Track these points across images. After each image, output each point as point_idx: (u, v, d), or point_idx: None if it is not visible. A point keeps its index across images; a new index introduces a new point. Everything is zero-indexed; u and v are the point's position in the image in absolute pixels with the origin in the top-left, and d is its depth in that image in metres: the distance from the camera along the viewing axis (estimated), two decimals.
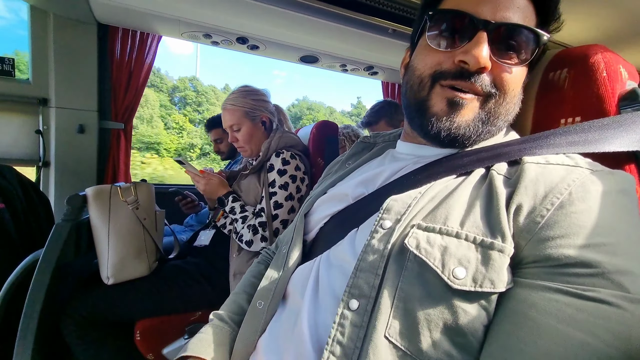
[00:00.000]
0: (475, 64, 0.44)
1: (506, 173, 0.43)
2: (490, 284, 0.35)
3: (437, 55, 0.48)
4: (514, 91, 0.47)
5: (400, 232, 0.41)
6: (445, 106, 0.46)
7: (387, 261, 0.40)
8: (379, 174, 0.55)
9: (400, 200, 0.44)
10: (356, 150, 0.71)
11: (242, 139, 1.29)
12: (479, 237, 0.37)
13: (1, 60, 1.55)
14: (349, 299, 0.40)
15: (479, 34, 0.44)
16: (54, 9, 1.51)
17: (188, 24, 1.62)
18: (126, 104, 1.77)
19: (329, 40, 1.77)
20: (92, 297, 1.08)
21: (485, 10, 0.45)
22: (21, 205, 1.24)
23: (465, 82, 0.45)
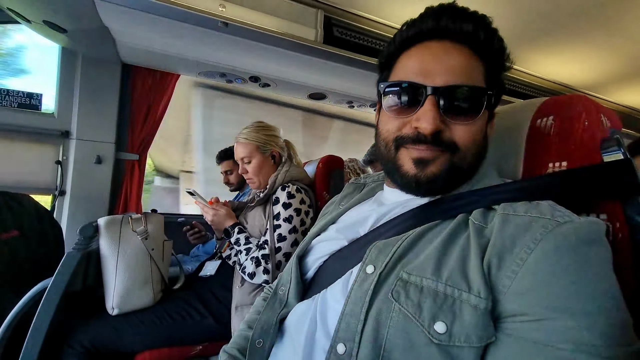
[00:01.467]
0: (426, 129, 0.47)
1: (482, 221, 0.45)
2: (467, 339, 0.36)
3: (395, 122, 0.52)
4: (475, 142, 0.50)
5: (382, 278, 0.43)
6: (412, 165, 0.50)
7: (370, 307, 0.41)
8: (368, 218, 0.57)
9: (384, 245, 0.46)
10: (348, 191, 0.74)
11: (252, 171, 1.33)
12: (458, 291, 0.38)
13: (30, 96, 1.67)
14: (336, 342, 0.42)
15: (427, 100, 0.47)
16: (84, 51, 1.65)
17: (205, 64, 1.74)
18: (142, 136, 1.87)
19: (336, 79, 1.87)
20: (95, 328, 1.08)
21: (431, 75, 0.48)
22: (35, 233, 1.29)
23: (426, 145, 0.48)
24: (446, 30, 0.49)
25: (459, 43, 0.49)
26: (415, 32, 0.51)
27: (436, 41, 0.50)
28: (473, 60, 0.49)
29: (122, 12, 1.25)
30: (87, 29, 1.38)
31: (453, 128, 0.48)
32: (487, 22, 0.50)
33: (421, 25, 0.51)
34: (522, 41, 1.70)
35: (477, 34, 0.49)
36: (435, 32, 0.50)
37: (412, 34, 0.52)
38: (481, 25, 0.49)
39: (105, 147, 1.77)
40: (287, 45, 1.50)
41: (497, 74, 0.52)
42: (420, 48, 0.51)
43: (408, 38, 0.52)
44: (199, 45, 1.53)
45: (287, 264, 0.64)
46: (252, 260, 1.16)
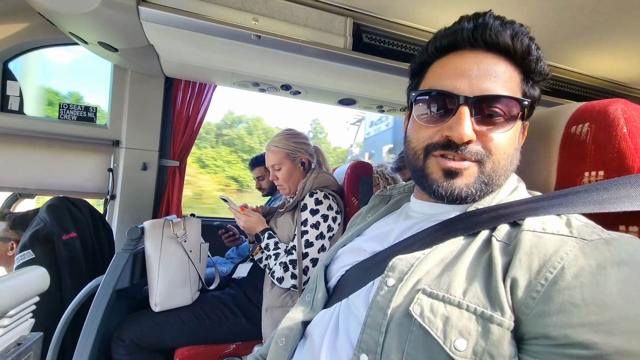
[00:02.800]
0: (459, 139, 0.47)
1: (505, 238, 0.44)
2: (489, 358, 0.35)
3: (426, 131, 0.52)
4: (506, 152, 0.49)
5: (403, 292, 0.43)
6: (442, 175, 0.50)
7: (391, 319, 0.42)
8: (391, 231, 0.58)
9: (404, 259, 0.46)
10: (374, 203, 0.74)
11: (282, 178, 1.38)
12: (480, 308, 0.38)
13: (86, 109, 1.85)
14: (359, 353, 0.43)
15: (460, 109, 0.47)
16: (133, 67, 1.80)
17: (239, 75, 1.82)
18: (182, 144, 1.99)
19: (365, 84, 1.87)
20: (140, 323, 1.18)
21: (464, 84, 0.48)
22: (90, 235, 1.42)
23: (455, 152, 0.48)
24: (482, 40, 0.49)
25: (494, 52, 0.49)
26: (451, 40, 0.51)
27: (470, 50, 0.50)
28: (509, 70, 0.49)
29: (165, 31, 1.35)
30: (135, 47, 1.51)
31: (484, 139, 0.48)
32: (524, 31, 0.49)
33: (456, 36, 0.51)
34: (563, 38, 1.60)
35: (513, 45, 0.48)
36: (471, 41, 0.50)
37: (446, 42, 0.52)
38: (518, 36, 0.48)
39: (150, 155, 1.91)
40: (316, 54, 1.53)
41: (534, 83, 0.52)
42: (453, 57, 0.51)
43: (442, 47, 0.52)
44: (233, 57, 1.61)
45: (314, 270, 0.66)
46: (281, 265, 1.20)
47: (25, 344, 0.51)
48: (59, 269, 1.24)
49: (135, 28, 1.33)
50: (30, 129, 1.68)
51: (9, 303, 0.48)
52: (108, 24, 1.33)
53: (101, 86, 1.92)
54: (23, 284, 0.51)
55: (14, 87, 1.70)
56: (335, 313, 0.52)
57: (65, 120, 1.78)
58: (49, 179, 1.74)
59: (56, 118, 1.78)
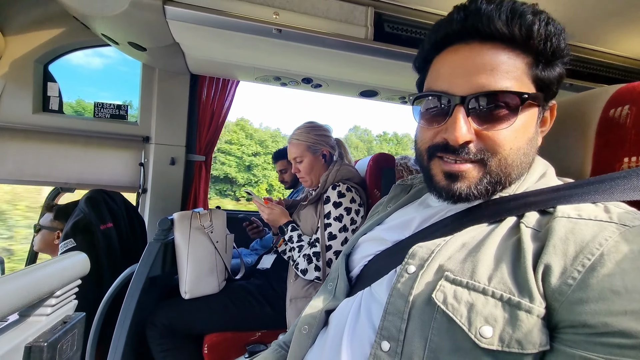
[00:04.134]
0: (454, 141, 0.45)
1: (535, 225, 0.42)
2: (517, 345, 0.34)
3: (428, 132, 0.51)
4: (514, 146, 0.46)
5: (425, 278, 0.42)
6: (443, 177, 0.49)
7: (412, 306, 0.41)
8: (412, 220, 0.57)
9: (425, 246, 0.45)
10: (395, 193, 0.73)
11: (304, 170, 1.40)
12: (506, 295, 0.37)
13: (119, 107, 1.95)
14: (381, 340, 0.43)
15: (455, 110, 0.46)
16: (160, 65, 1.87)
17: (261, 70, 1.84)
18: (207, 139, 2.05)
19: (387, 75, 1.84)
20: (171, 309, 1.24)
21: (458, 83, 0.46)
22: (124, 225, 1.51)
23: (454, 155, 0.47)
24: (475, 30, 0.45)
25: (491, 42, 0.45)
26: (443, 35, 0.49)
27: (465, 44, 0.47)
28: (511, 58, 0.45)
29: (190, 29, 1.39)
30: (162, 46, 1.57)
31: (486, 137, 0.46)
32: (524, 10, 0.44)
33: (447, 28, 0.48)
34: (596, 18, 1.49)
35: (509, 30, 0.44)
36: (464, 33, 0.47)
37: (439, 37, 0.49)
38: (515, 18, 0.44)
39: (177, 150, 1.99)
40: (338, 45, 1.52)
41: (549, 63, 0.47)
42: (449, 53, 0.49)
43: (437, 42, 0.50)
44: (255, 52, 1.64)
45: (335, 263, 0.67)
46: (304, 258, 1.21)
47: (70, 322, 0.55)
48: (97, 256, 1.32)
49: (162, 27, 1.38)
50: (68, 127, 1.80)
51: (55, 284, 0.52)
52: (136, 24, 1.39)
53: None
54: (67, 267, 0.55)
55: (54, 88, 1.81)
56: (357, 301, 0.53)
57: (100, 119, 1.88)
58: (86, 174, 1.86)
59: (92, 117, 1.89)
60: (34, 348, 0.49)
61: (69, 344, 0.54)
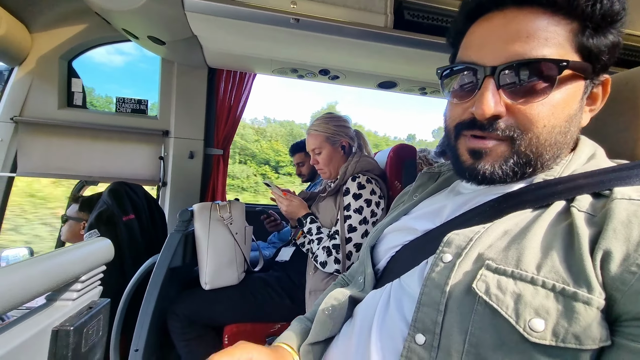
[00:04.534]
0: (481, 115, 0.42)
1: (589, 209, 0.38)
2: (575, 340, 0.31)
3: (456, 108, 0.48)
4: (550, 123, 0.42)
5: (463, 268, 0.39)
6: (468, 156, 0.46)
7: (450, 297, 0.39)
8: (443, 208, 0.54)
9: (462, 234, 0.42)
10: (422, 181, 0.70)
11: (323, 162, 1.38)
12: (559, 284, 0.33)
13: (139, 102, 1.98)
14: (415, 332, 0.40)
15: (484, 82, 0.42)
16: (179, 59, 1.89)
17: (278, 62, 1.83)
18: (225, 133, 2.06)
19: (407, 65, 1.79)
20: (192, 300, 1.26)
21: (489, 52, 0.43)
22: (146, 217, 1.53)
23: (482, 131, 0.44)
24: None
25: (529, 7, 0.42)
26: (476, 3, 0.46)
27: (499, 11, 0.44)
28: (551, 24, 0.41)
29: (207, 20, 1.39)
30: (181, 39, 1.57)
31: (517, 112, 0.42)
32: None
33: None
34: None
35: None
36: (495, 1, 0.44)
37: (473, 6, 0.46)
38: None
39: (196, 144, 2.01)
40: (356, 34, 1.49)
41: (599, 30, 0.42)
42: (482, 22, 0.46)
43: (470, 12, 0.47)
44: (273, 43, 1.62)
45: (359, 254, 0.64)
46: (324, 250, 1.20)
47: (96, 308, 0.55)
48: (120, 247, 1.35)
49: (180, 20, 1.38)
50: (92, 122, 1.84)
51: (80, 269, 0.52)
52: (155, 17, 1.40)
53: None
54: (92, 252, 0.55)
55: (78, 84, 1.86)
56: (386, 293, 0.50)
57: (121, 113, 1.92)
58: (109, 167, 1.90)
59: (113, 111, 1.92)
60: (61, 332, 0.49)
61: (94, 329, 0.54)
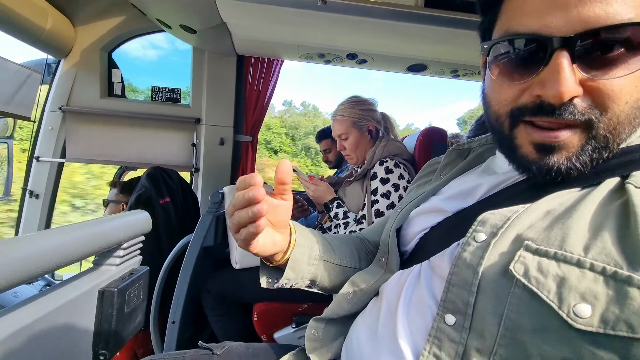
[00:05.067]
0: (557, 98, 0.34)
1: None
2: (627, 328, 0.28)
3: (509, 90, 0.39)
4: (630, 100, 0.35)
5: (498, 248, 0.37)
6: (534, 150, 0.39)
7: (482, 278, 0.36)
8: (478, 187, 0.50)
9: (498, 213, 0.39)
10: (450, 159, 0.65)
11: (349, 147, 1.36)
12: (610, 267, 0.30)
13: (172, 91, 2.06)
14: (444, 312, 0.38)
15: (555, 55, 0.34)
16: (209, 47, 1.93)
17: (305, 47, 1.82)
18: (254, 120, 2.10)
19: (438, 46, 1.72)
20: (223, 278, 1.31)
21: (558, 18, 0.34)
22: (180, 200, 1.61)
23: (551, 117, 0.36)
24: None
25: None
26: None
27: None
28: None
29: (236, 6, 1.41)
30: (211, 27, 1.61)
31: (596, 89, 0.34)
32: None
33: None
34: None
35: None
36: None
37: None
38: None
39: (225, 131, 2.06)
40: (385, 15, 1.44)
41: None
42: None
43: None
44: (300, 28, 1.61)
45: (384, 234, 0.62)
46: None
47: (136, 274, 0.60)
48: (157, 228, 1.43)
49: (210, 7, 1.41)
50: (130, 110, 1.94)
51: (122, 236, 0.56)
52: (186, 5, 1.44)
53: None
54: (132, 222, 0.59)
55: (117, 75, 1.96)
56: (415, 272, 0.48)
57: (156, 102, 2.01)
58: (146, 154, 2.01)
59: (149, 100, 2.02)
60: (107, 292, 0.53)
61: (135, 293, 0.59)
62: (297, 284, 0.60)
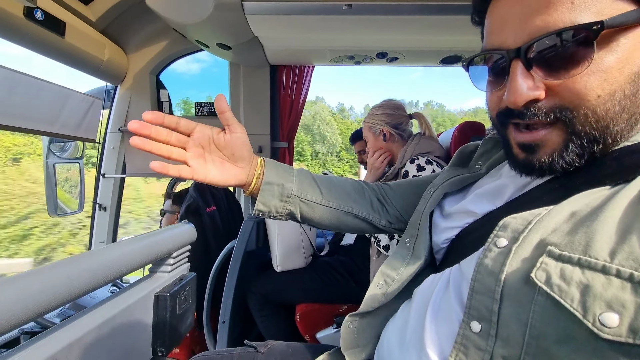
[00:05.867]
0: (513, 104, 0.39)
1: None
2: None
3: (492, 97, 0.44)
4: (603, 94, 0.36)
5: (520, 254, 0.35)
6: (520, 150, 0.43)
7: (505, 285, 0.35)
8: (504, 188, 0.49)
9: (520, 217, 0.38)
10: (485, 148, 0.62)
11: (370, 151, 1.40)
12: (638, 273, 0.28)
13: (213, 104, 2.20)
14: (470, 319, 0.38)
15: (511, 66, 0.39)
16: (243, 61, 2.04)
17: (335, 51, 1.85)
18: (289, 126, 2.17)
19: (475, 35, 1.64)
20: (266, 280, 1.38)
21: (509, 33, 0.39)
22: (224, 208, 1.72)
23: (521, 119, 0.40)
24: None
25: None
26: None
27: None
28: None
29: (266, 20, 1.48)
30: (244, 42, 1.70)
31: (560, 90, 0.37)
32: None
33: None
34: None
35: None
36: None
37: None
38: None
39: (263, 139, 2.16)
40: (414, 10, 1.42)
41: None
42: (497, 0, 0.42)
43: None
44: (328, 33, 1.64)
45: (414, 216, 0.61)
46: (386, 234, 1.20)
47: (185, 279, 0.66)
48: (205, 234, 1.54)
49: (242, 24, 1.49)
50: None
51: (171, 246, 0.63)
52: (221, 25, 1.54)
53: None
54: (179, 234, 0.66)
55: (165, 94, 2.15)
56: (445, 277, 0.48)
57: (200, 117, 2.16)
58: None
59: (194, 115, 2.18)
60: (161, 297, 0.60)
61: (185, 297, 0.65)
62: (274, 216, 0.65)
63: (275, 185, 0.63)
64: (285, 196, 0.64)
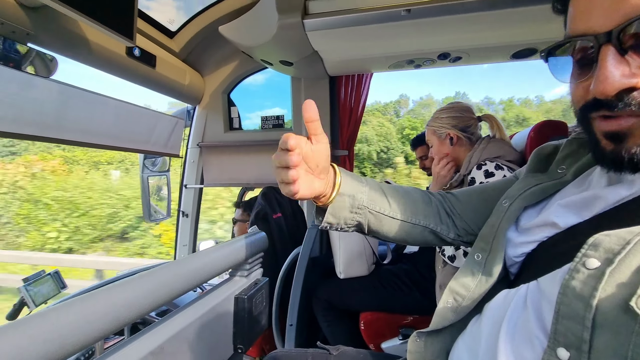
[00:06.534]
0: (602, 94, 0.35)
1: None
2: None
3: (577, 88, 0.41)
4: None
5: (616, 278, 0.32)
6: (608, 141, 0.39)
7: (597, 311, 0.32)
8: (596, 198, 0.44)
9: (614, 235, 0.34)
10: (570, 150, 0.56)
11: (435, 158, 1.34)
12: None
13: (277, 117, 2.34)
14: (556, 346, 0.35)
15: (600, 53, 0.36)
16: (304, 75, 2.14)
17: (393, 57, 1.83)
18: (348, 134, 2.20)
19: (551, 24, 1.49)
20: (330, 286, 1.42)
21: (598, 16, 0.36)
22: (289, 215, 1.81)
23: (610, 110, 0.37)
24: None
25: None
26: None
27: None
28: None
29: (325, 35, 1.54)
30: (304, 57, 1.79)
31: None
32: None
33: None
34: None
35: None
36: None
37: None
38: None
39: None
40: (480, 6, 1.34)
41: None
42: None
43: None
44: (386, 40, 1.64)
45: (486, 228, 0.57)
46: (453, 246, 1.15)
47: (260, 284, 0.73)
48: (273, 240, 1.65)
49: (303, 40, 1.57)
50: (246, 139, 2.29)
51: (247, 253, 0.70)
52: (283, 44, 1.64)
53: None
54: (253, 242, 0.73)
55: (235, 111, 2.35)
56: (522, 294, 0.45)
57: (265, 130, 2.32)
58: (261, 175, 2.32)
59: (259, 129, 2.34)
60: (240, 299, 0.67)
61: (260, 299, 0.72)
62: (342, 228, 0.64)
63: (347, 197, 0.60)
64: (355, 207, 0.61)
